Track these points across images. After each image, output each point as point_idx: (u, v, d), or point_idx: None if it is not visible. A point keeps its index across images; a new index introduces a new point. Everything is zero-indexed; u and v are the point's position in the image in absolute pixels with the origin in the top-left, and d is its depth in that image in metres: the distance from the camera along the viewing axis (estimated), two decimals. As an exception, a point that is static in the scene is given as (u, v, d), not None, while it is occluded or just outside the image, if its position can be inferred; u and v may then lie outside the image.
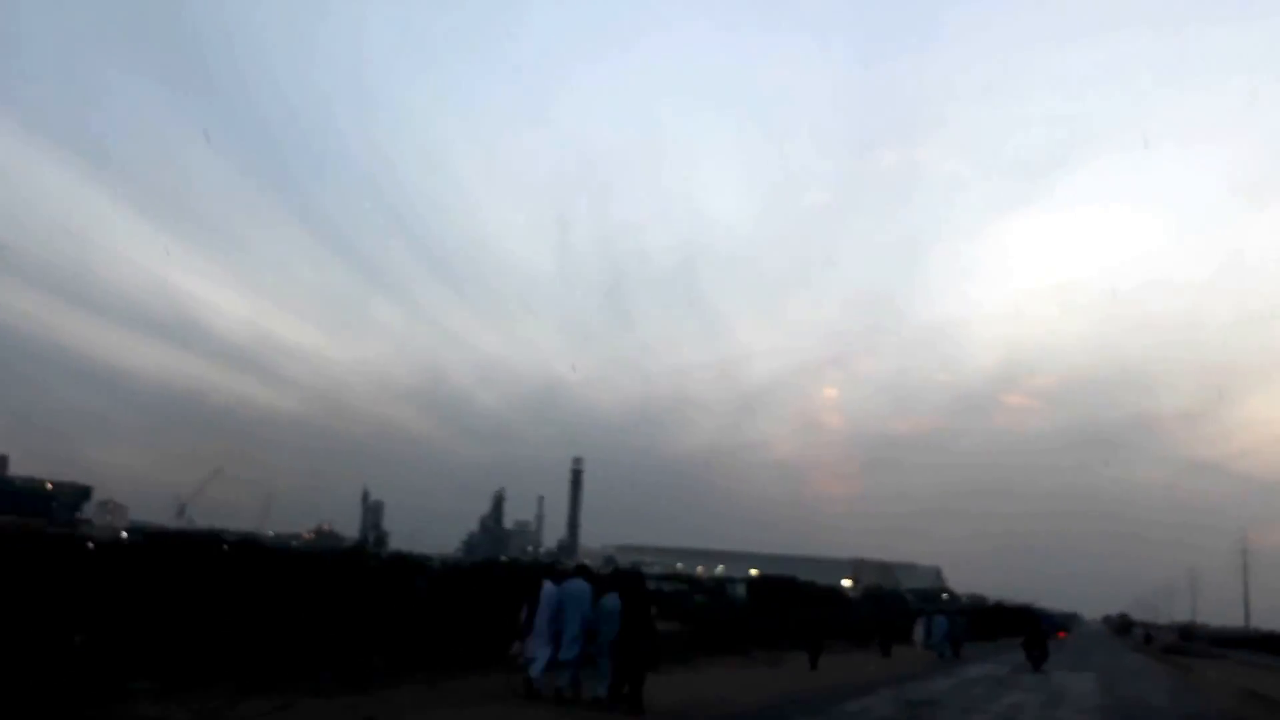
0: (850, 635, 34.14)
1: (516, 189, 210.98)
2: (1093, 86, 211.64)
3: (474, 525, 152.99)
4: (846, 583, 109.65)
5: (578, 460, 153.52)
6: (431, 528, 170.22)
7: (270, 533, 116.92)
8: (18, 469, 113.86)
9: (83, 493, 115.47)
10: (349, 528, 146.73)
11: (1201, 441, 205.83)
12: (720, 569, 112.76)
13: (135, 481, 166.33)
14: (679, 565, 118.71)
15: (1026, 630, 31.83)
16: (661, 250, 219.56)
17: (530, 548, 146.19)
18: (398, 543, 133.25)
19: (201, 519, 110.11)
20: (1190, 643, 64.87)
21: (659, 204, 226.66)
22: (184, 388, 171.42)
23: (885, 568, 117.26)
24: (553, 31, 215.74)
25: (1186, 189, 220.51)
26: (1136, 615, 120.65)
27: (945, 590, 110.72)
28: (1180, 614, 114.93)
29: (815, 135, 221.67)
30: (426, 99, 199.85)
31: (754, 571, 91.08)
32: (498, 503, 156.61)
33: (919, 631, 32.65)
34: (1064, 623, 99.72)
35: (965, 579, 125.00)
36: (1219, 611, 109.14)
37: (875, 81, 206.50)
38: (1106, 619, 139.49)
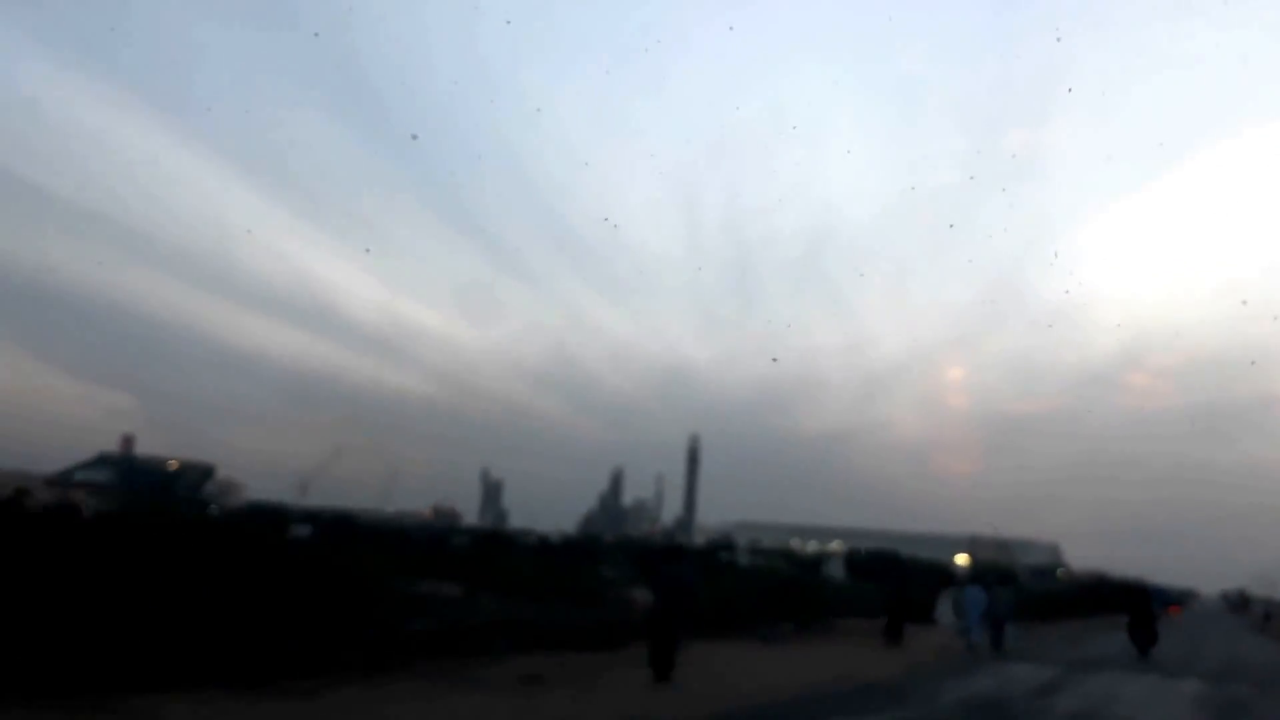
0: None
1: (645, 172, 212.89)
2: (1222, 66, 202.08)
3: (594, 504, 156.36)
4: (962, 559, 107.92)
5: (694, 438, 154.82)
6: (552, 506, 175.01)
7: (390, 510, 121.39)
8: (153, 449, 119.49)
9: (206, 471, 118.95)
10: (471, 506, 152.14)
11: None
12: (835, 545, 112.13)
13: (265, 462, 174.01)
14: (793, 542, 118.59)
15: (1132, 608, 27.03)
16: (790, 232, 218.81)
17: (646, 524, 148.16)
18: (518, 520, 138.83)
19: (323, 497, 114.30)
20: None
21: (787, 185, 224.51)
22: (317, 371, 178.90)
23: (1001, 544, 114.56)
24: (681, 13, 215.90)
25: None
26: (1256, 592, 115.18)
27: (1062, 565, 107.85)
28: None
29: (943, 115, 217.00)
30: (555, 83, 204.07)
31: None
32: (616, 480, 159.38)
33: (943, 610, 24.82)
34: (1178, 599, 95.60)
35: (1085, 556, 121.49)
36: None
37: (1004, 60, 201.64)
38: (1224, 595, 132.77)
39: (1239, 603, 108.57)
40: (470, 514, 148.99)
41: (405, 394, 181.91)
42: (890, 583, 28.30)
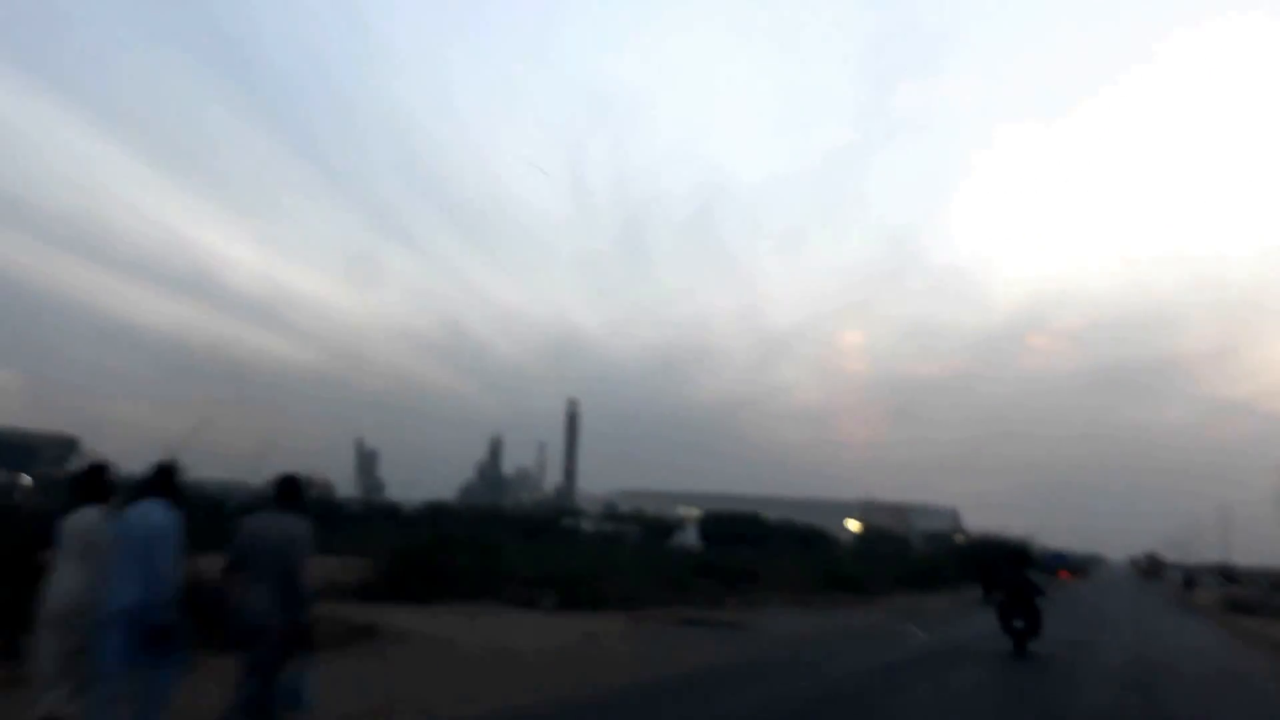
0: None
1: (530, 132, 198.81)
2: (1117, 14, 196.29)
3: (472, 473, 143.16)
4: (853, 525, 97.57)
5: (572, 402, 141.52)
6: (433, 477, 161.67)
7: (258, 482, 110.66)
8: (30, 423, 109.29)
9: (69, 444, 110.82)
10: (344, 476, 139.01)
11: (1229, 380, 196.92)
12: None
13: (141, 434, 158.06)
14: (679, 509, 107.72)
15: (1002, 579, 17.24)
16: (679, 193, 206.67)
17: (526, 494, 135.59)
18: (395, 491, 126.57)
19: (191, 469, 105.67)
20: (1234, 586, 50.75)
21: (676, 145, 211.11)
22: (195, 339, 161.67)
23: (897, 509, 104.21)
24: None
25: (1212, 120, 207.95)
26: (1166, 556, 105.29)
27: (961, 532, 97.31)
28: (1209, 555, 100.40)
29: (835, 70, 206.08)
30: (435, 42, 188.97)
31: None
32: (495, 449, 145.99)
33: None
34: (1081, 564, 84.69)
35: (987, 522, 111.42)
36: (1245, 551, 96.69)
37: (895, 12, 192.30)
38: (1133, 561, 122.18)
39: (1150, 567, 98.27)
40: (345, 485, 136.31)
41: (285, 363, 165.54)
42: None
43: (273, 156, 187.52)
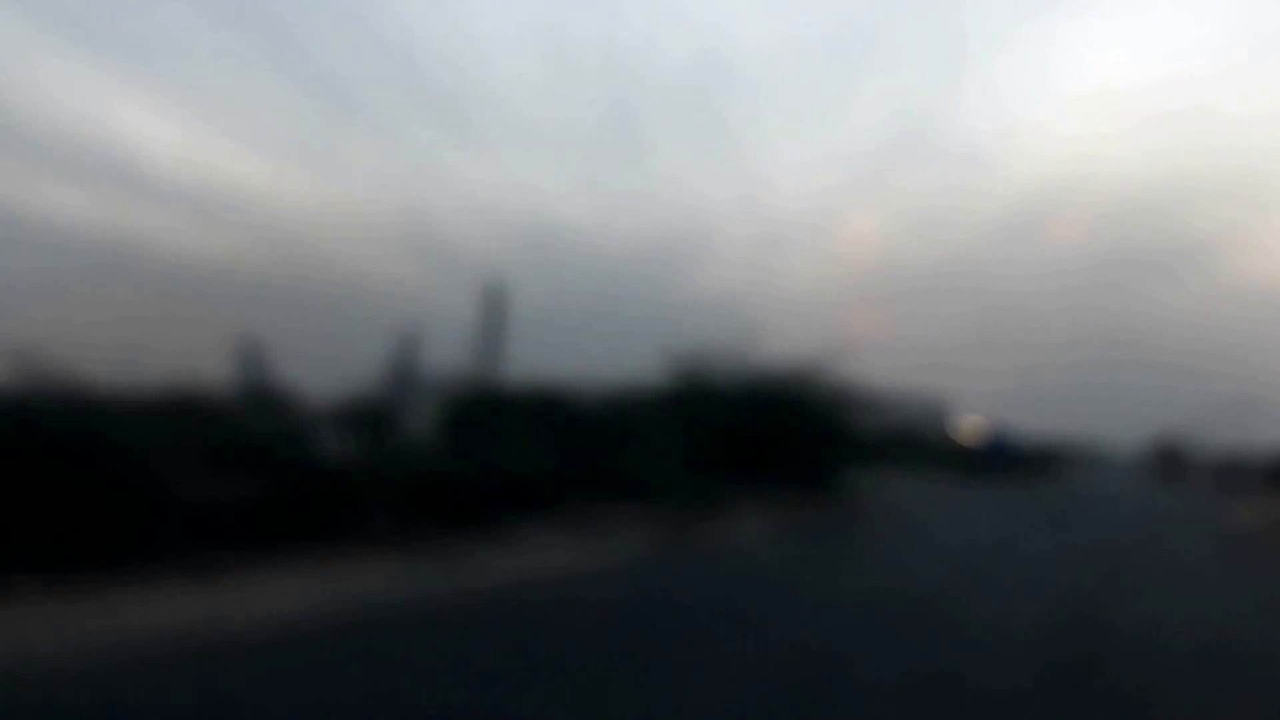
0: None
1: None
2: None
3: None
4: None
5: (493, 273, 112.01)
6: (347, 375, 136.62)
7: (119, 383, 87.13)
8: None
9: None
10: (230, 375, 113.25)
11: (1254, 264, 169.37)
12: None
13: (45, 338, 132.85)
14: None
15: None
16: (675, 65, 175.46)
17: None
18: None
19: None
20: None
21: (671, 9, 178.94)
22: (100, 235, 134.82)
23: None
24: None
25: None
26: (1190, 446, 68.95)
27: (942, 425, 68.34)
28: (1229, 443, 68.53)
29: None
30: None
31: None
32: (410, 341, 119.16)
33: None
34: (1027, 457, 43.78)
35: (996, 411, 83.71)
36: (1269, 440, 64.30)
37: None
38: (1156, 453, 76.38)
39: (1169, 459, 60.87)
40: (226, 384, 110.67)
41: (202, 258, 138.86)
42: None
43: (205, 25, 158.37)
